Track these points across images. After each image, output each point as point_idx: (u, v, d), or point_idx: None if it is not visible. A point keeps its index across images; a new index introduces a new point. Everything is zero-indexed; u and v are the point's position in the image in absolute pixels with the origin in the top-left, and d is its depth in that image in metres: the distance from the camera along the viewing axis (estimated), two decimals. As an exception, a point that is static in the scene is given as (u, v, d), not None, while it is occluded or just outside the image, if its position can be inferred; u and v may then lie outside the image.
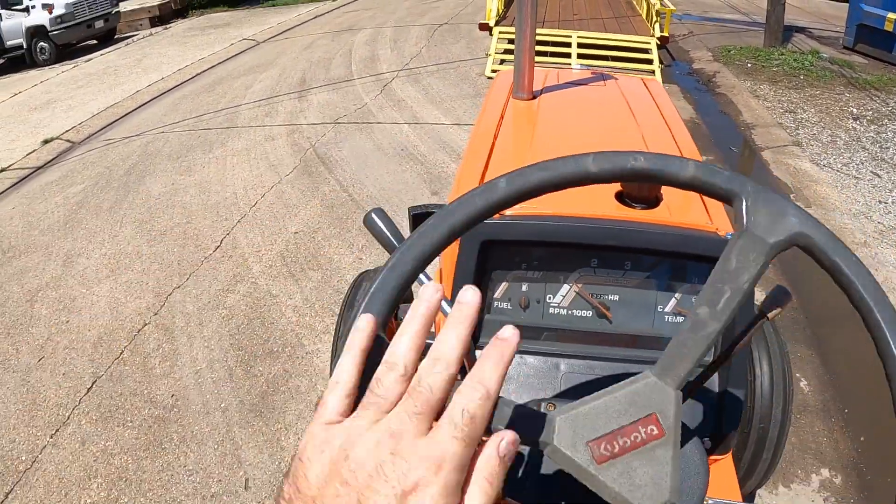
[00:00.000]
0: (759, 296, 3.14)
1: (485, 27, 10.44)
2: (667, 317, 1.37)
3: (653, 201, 1.44)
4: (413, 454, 0.52)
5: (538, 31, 9.65)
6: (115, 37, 17.86)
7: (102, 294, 4.91)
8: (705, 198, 1.21)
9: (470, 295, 0.62)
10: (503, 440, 0.58)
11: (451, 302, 0.93)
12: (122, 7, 19.04)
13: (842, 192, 6.18)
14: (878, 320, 0.78)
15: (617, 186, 1.46)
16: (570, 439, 0.71)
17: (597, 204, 1.44)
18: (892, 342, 0.77)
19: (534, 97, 2.42)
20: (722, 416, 1.29)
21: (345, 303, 2.21)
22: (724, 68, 10.56)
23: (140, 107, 9.99)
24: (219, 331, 4.30)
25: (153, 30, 18.54)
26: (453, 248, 1.34)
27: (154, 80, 11.54)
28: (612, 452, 0.70)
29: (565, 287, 1.37)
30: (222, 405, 3.70)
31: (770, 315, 0.98)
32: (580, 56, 9.71)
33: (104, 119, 9.48)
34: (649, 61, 9.74)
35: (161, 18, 19.90)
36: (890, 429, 3.54)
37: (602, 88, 2.62)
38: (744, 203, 0.79)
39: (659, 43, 9.94)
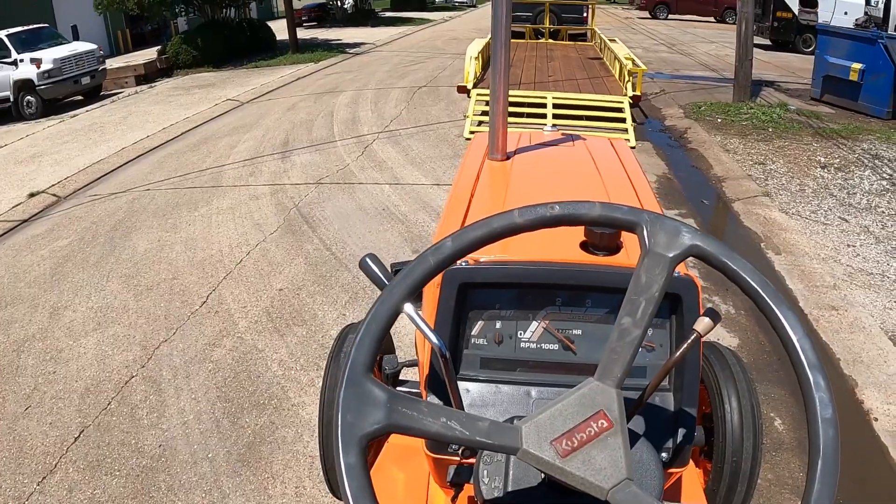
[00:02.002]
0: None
1: (463, 90, 10.78)
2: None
3: (614, 249, 1.56)
4: None
5: (515, 92, 9.98)
6: (101, 93, 18.19)
7: (89, 346, 5.05)
8: None
9: None
10: None
11: (436, 333, 1.22)
12: (109, 65, 19.40)
13: (811, 238, 6.49)
14: (766, 302, 1.00)
15: (581, 237, 1.59)
16: (536, 442, 0.88)
17: (563, 252, 1.57)
18: (781, 317, 0.99)
19: (507, 158, 2.52)
20: (677, 432, 1.43)
21: (330, 356, 2.25)
22: (695, 124, 11.00)
23: (126, 163, 10.21)
24: (206, 383, 4.46)
25: (138, 88, 18.89)
26: (435, 290, 1.50)
27: (139, 137, 11.78)
28: (572, 447, 0.88)
29: (534, 324, 1.51)
30: (210, 455, 3.85)
31: (702, 333, 1.11)
32: (556, 116, 10.05)
33: (90, 174, 9.67)
34: (622, 120, 10.08)
35: (146, 77, 20.27)
36: (865, 462, 3.79)
37: (571, 149, 2.73)
38: (644, 229, 1.01)
39: (632, 102, 10.33)
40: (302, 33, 30.32)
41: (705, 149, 9.67)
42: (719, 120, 11.19)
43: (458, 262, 1.41)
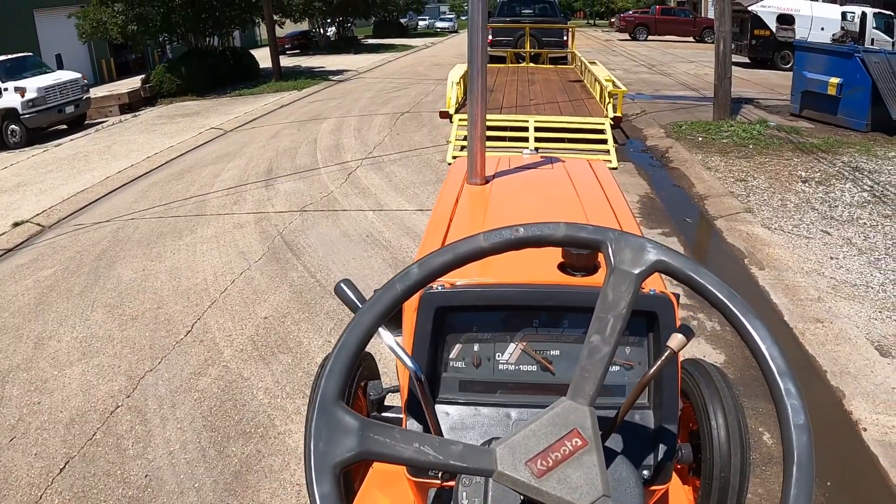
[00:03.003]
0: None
1: (445, 115, 10.83)
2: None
3: (591, 269, 1.57)
4: None
5: (497, 117, 10.04)
6: (86, 122, 18.14)
7: (74, 376, 5.01)
8: None
9: None
10: None
11: (411, 357, 1.27)
12: (93, 93, 19.38)
13: (794, 252, 6.53)
14: (733, 313, 1.03)
15: (559, 258, 1.60)
16: (511, 463, 0.89)
17: (541, 274, 1.59)
18: (749, 326, 1.01)
19: (486, 182, 2.54)
20: (657, 449, 1.47)
21: (314, 383, 2.08)
22: (676, 143, 11.07)
23: (110, 192, 10.19)
24: (191, 412, 4.43)
25: (123, 117, 18.88)
26: (412, 315, 1.52)
27: (124, 166, 11.75)
28: (547, 466, 0.88)
29: (512, 346, 1.53)
30: (196, 485, 3.82)
31: (676, 349, 1.13)
32: (538, 139, 10.09)
33: (74, 204, 9.64)
34: (604, 141, 10.15)
35: (130, 106, 20.28)
36: (855, 473, 3.78)
37: (550, 171, 2.77)
38: (609, 247, 1.03)
39: (613, 123, 10.38)
40: (285, 61, 30.41)
41: (687, 167, 9.75)
42: (700, 139, 11.28)
43: (435, 285, 1.49)
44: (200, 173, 10.66)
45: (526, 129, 10.29)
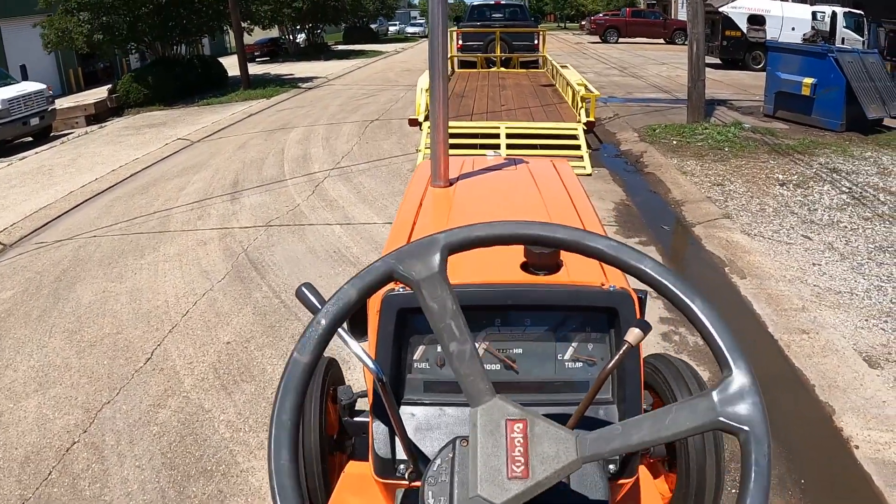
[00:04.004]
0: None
1: (414, 123, 10.62)
2: (567, 364, 1.57)
3: (554, 267, 1.61)
4: None
5: (467, 123, 9.88)
6: (52, 134, 17.74)
7: (30, 409, 4.75)
8: None
9: None
10: None
11: (373, 360, 1.30)
12: (59, 104, 19.01)
13: (775, 259, 6.38)
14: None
15: (522, 258, 1.64)
16: (500, 491, 0.90)
17: (504, 274, 1.63)
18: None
19: (450, 184, 2.58)
20: None
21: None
22: (650, 147, 10.93)
23: (74, 208, 9.89)
24: (150, 449, 4.18)
25: (89, 128, 18.51)
26: (375, 318, 1.54)
27: (88, 180, 11.44)
28: (523, 463, 0.91)
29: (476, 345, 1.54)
30: (153, 529, 3.59)
31: (633, 343, 1.13)
32: (509, 146, 9.93)
33: (37, 221, 9.32)
34: (577, 147, 9.98)
35: (97, 117, 19.94)
36: (849, 492, 3.64)
37: (513, 172, 2.82)
38: (399, 269, 1.05)
39: (586, 128, 10.24)
40: (254, 68, 30.19)
41: (662, 172, 9.59)
42: (675, 142, 11.13)
43: (397, 288, 1.52)
44: (165, 186, 10.38)
45: (497, 136, 10.12)
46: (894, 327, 5.14)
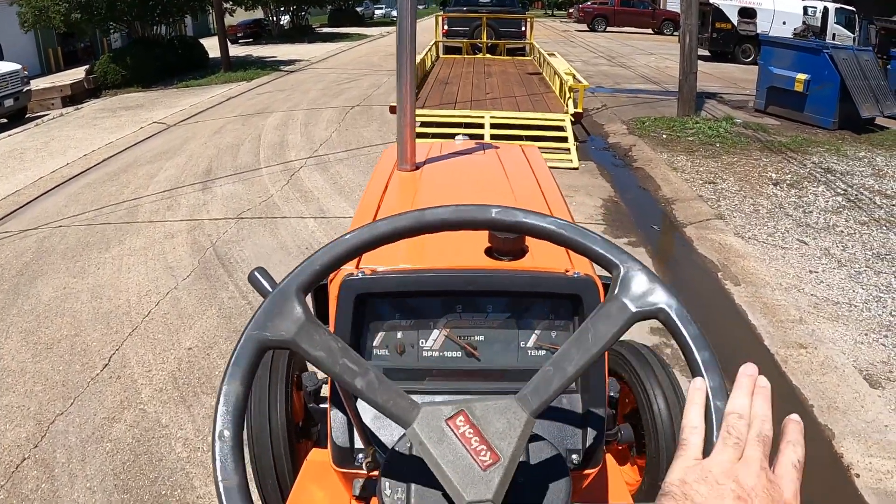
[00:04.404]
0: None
1: (394, 110, 10.32)
2: (530, 351, 1.55)
3: (518, 253, 1.58)
4: (773, 487, 0.77)
5: (451, 112, 9.58)
6: (27, 116, 17.26)
7: (-20, 419, 4.44)
8: None
9: (751, 369, 0.90)
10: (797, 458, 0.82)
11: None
12: (36, 85, 18.60)
13: (770, 265, 6.12)
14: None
15: (486, 243, 1.61)
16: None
17: (468, 259, 1.59)
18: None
19: (417, 168, 2.55)
20: (586, 433, 1.46)
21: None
22: (639, 141, 10.62)
23: (42, 195, 9.49)
24: (102, 468, 3.86)
25: (65, 110, 18.01)
26: (333, 303, 1.52)
27: (59, 165, 11.10)
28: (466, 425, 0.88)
29: (435, 332, 1.54)
30: (97, 564, 3.28)
31: None
32: (494, 137, 9.63)
33: (3, 208, 8.94)
34: (564, 139, 9.69)
35: (73, 98, 19.48)
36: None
37: (481, 157, 2.80)
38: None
39: (573, 119, 9.93)
40: (237, 50, 29.77)
41: (652, 167, 9.29)
42: (664, 136, 10.83)
43: (356, 272, 1.51)
44: (137, 173, 10.01)
45: (481, 126, 9.82)
46: (895, 343, 4.88)
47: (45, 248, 7.23)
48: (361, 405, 1.43)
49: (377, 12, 65.15)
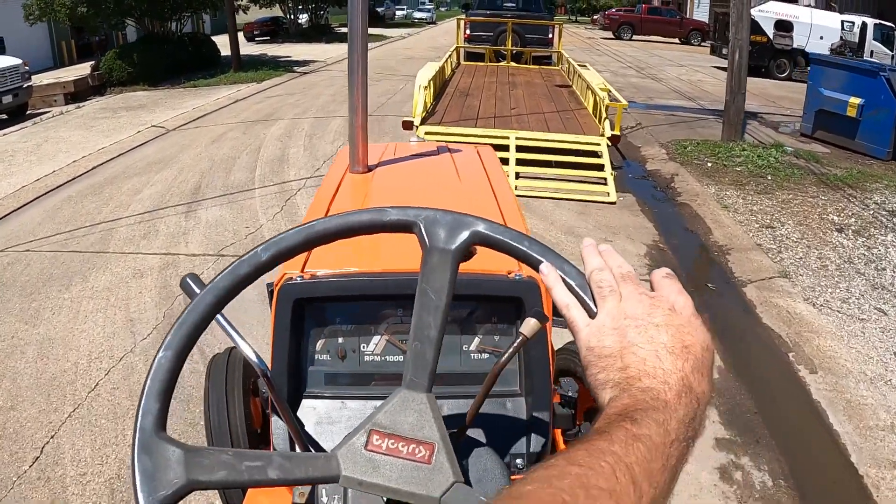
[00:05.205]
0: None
1: (409, 125, 9.39)
2: (473, 355, 1.56)
3: (467, 255, 1.27)
4: (657, 300, 0.85)
5: (473, 131, 8.50)
6: (28, 112, 16.54)
7: None
8: None
9: (589, 240, 0.97)
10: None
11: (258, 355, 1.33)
12: (38, 81, 17.86)
13: (849, 344, 5.08)
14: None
15: None
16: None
17: (411, 261, 1.36)
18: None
19: (369, 170, 2.52)
20: (531, 438, 1.47)
21: (207, 383, 2.26)
22: (681, 169, 9.53)
23: (21, 207, 8.63)
24: None
25: (66, 108, 17.26)
26: (273, 307, 1.52)
27: (45, 172, 10.25)
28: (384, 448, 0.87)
29: (377, 336, 1.56)
30: None
31: (528, 335, 1.09)
32: (519, 162, 8.64)
33: (-23, 224, 8.08)
34: (600, 166, 8.63)
35: (76, 95, 18.70)
36: None
37: (434, 159, 2.76)
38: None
39: (609, 143, 8.88)
40: (251, 48, 29.01)
41: (699, 205, 8.20)
42: (710, 164, 9.73)
43: (295, 276, 1.52)
44: (122, 187, 9.09)
45: (506, 148, 8.78)
46: None
47: (5, 279, 6.30)
48: (305, 409, 1.49)
49: (398, 13, 64.34)
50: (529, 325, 1.09)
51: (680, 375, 0.77)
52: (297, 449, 1.37)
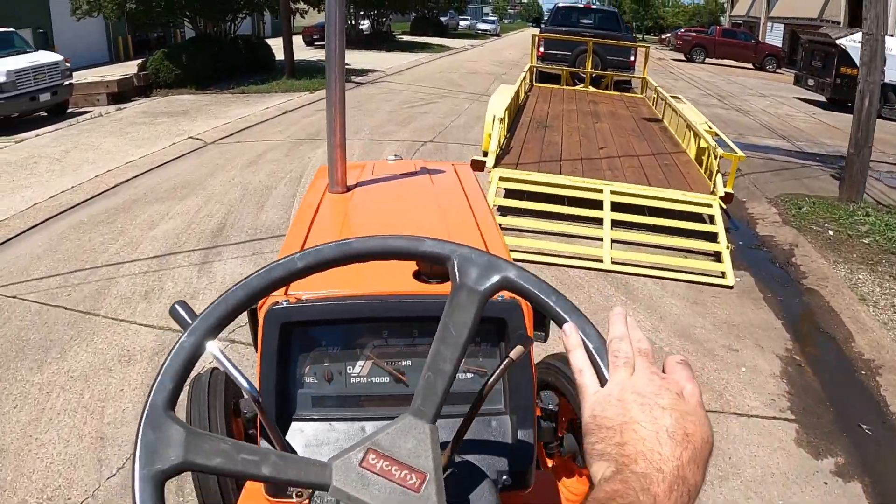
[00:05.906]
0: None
1: (479, 166, 7.45)
2: (457, 375, 1.26)
3: (446, 276, 1.34)
4: (667, 382, 0.83)
5: (557, 179, 6.84)
6: (68, 111, 15.89)
7: None
8: None
9: (619, 310, 0.94)
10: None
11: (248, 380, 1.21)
12: (82, 78, 17.23)
13: None
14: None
15: (415, 267, 1.62)
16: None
17: (395, 283, 1.58)
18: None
19: (348, 190, 2.47)
20: (515, 455, 1.46)
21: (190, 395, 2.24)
22: (800, 238, 7.84)
23: (26, 231, 7.61)
24: None
25: (107, 108, 16.54)
26: (259, 332, 1.49)
27: (65, 187, 9.28)
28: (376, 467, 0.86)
29: (362, 360, 1.54)
30: None
31: (514, 358, 1.10)
32: (616, 224, 7.04)
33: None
34: (713, 235, 6.96)
35: (120, 95, 17.87)
36: None
37: (414, 179, 2.71)
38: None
39: (721, 203, 7.22)
40: (308, 53, 28.06)
41: (831, 293, 6.48)
42: (831, 232, 8.05)
43: (280, 300, 1.48)
44: (137, 217, 7.89)
45: (599, 205, 7.22)
46: None
47: (-23, 336, 5.05)
48: (294, 432, 1.45)
49: (461, 23, 63.42)
50: (516, 350, 1.10)
51: (676, 465, 0.75)
52: None
